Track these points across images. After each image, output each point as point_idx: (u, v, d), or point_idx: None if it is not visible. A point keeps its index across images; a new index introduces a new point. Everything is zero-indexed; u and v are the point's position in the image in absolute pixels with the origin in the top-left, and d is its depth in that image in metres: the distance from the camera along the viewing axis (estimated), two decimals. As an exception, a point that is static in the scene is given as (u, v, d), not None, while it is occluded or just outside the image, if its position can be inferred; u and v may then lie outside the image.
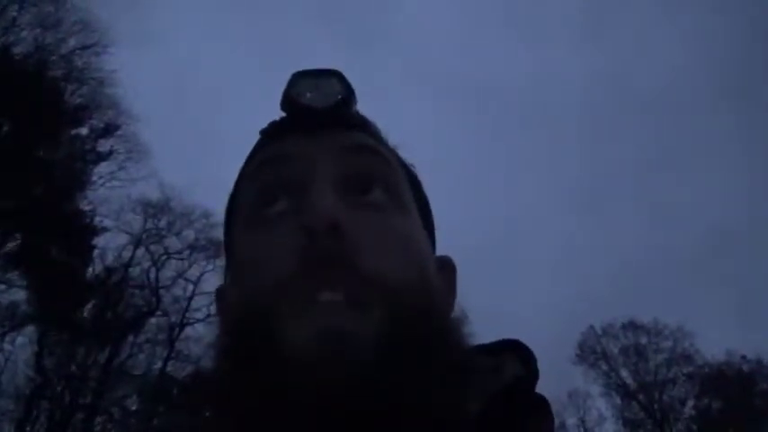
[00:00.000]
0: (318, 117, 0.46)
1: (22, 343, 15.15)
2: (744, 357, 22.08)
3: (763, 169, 36.84)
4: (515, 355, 0.50)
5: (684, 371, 22.72)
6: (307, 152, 0.45)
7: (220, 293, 0.52)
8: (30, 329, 15.13)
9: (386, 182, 0.46)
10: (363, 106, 0.51)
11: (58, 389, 15.26)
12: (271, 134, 0.49)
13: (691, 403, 22.45)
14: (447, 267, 0.52)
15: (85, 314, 16.13)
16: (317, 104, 0.46)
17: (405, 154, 0.53)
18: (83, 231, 15.59)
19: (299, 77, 0.47)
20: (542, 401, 0.47)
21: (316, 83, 0.47)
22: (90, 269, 16.47)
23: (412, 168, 0.52)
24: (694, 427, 21.99)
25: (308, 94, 0.47)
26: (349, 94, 0.48)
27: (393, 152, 0.50)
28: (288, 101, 0.47)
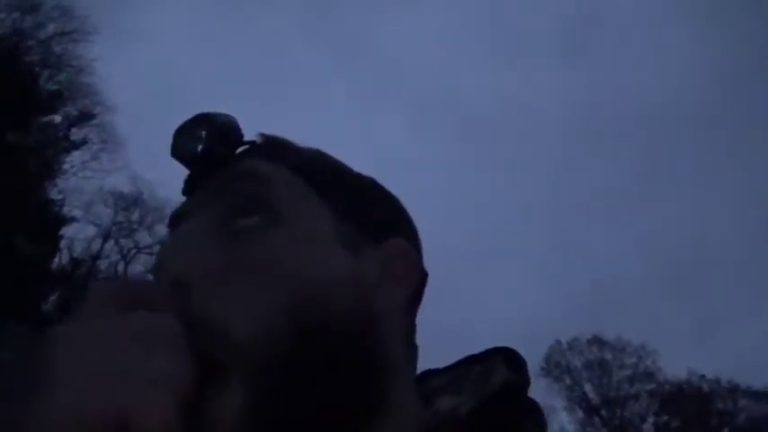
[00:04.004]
0: (197, 167, 0.47)
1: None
2: (703, 377, 22.60)
3: (730, 197, 37.96)
4: (505, 361, 0.50)
5: (646, 388, 23.14)
6: (188, 207, 0.47)
7: None
8: (-11, 319, 14.65)
9: (262, 201, 0.43)
10: (345, 118, 0.50)
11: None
12: (184, 194, 0.50)
13: (651, 420, 22.85)
14: (398, 254, 0.47)
15: (49, 306, 15.72)
16: (188, 156, 0.47)
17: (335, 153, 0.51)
18: (51, 220, 15.22)
19: (177, 135, 0.48)
20: (534, 405, 0.48)
21: (190, 134, 0.47)
22: (56, 260, 16.09)
23: (319, 167, 0.49)
24: (653, 444, 22.38)
25: (183, 151, 0.48)
26: (218, 134, 0.47)
27: (286, 161, 0.48)
28: (176, 159, 0.48)
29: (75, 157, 16.23)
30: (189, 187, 0.49)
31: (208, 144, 0.47)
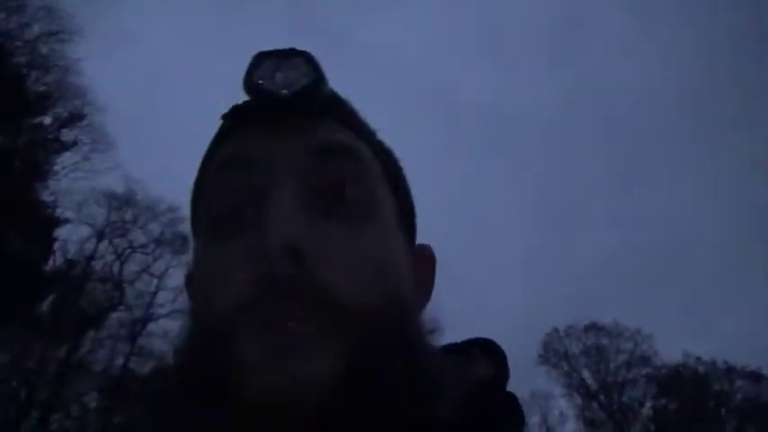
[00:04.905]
0: (282, 105, 0.42)
1: (-24, 337, 14.63)
2: (699, 359, 22.78)
3: (718, 185, 38.16)
4: (485, 353, 0.49)
5: (643, 372, 23.31)
6: (267, 155, 0.41)
7: (189, 280, 0.50)
8: (-16, 323, 14.61)
9: (356, 188, 0.42)
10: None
11: (13, 384, 14.78)
12: (232, 123, 0.45)
13: (648, 404, 23.05)
14: (424, 259, 0.50)
15: (44, 307, 15.65)
16: (281, 90, 0.41)
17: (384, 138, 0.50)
18: (44, 222, 15.12)
19: (262, 58, 0.42)
20: (513, 400, 0.47)
21: (280, 65, 0.42)
22: (50, 261, 16.00)
23: (390, 154, 0.49)
24: (652, 427, 22.58)
25: (271, 78, 0.42)
26: (317, 77, 0.42)
27: (369, 140, 0.47)
28: (248, 85, 0.42)
29: (66, 158, 16.13)
30: (245, 119, 0.44)
31: (306, 85, 0.42)
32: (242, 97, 0.44)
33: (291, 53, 0.43)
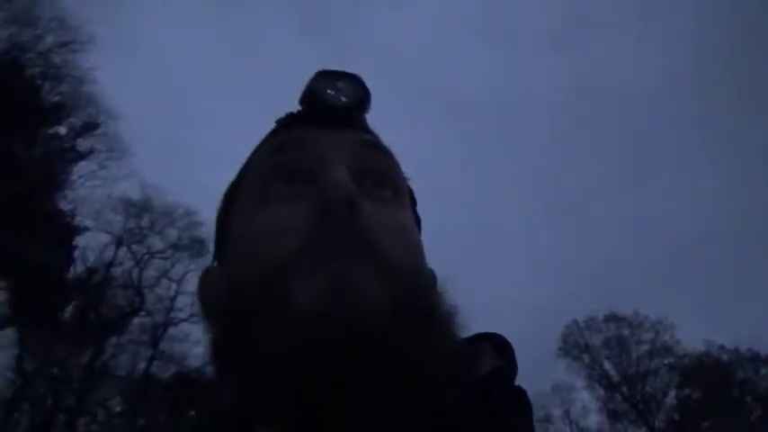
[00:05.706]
0: (336, 114, 0.49)
1: (2, 345, 14.90)
2: (722, 347, 22.50)
3: (731, 175, 37.59)
4: (492, 346, 0.49)
5: (665, 362, 23.06)
6: (322, 141, 0.47)
7: (206, 275, 0.52)
8: (9, 331, 14.87)
9: (393, 180, 0.49)
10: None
11: (40, 391, 15.03)
12: (287, 124, 0.51)
13: (672, 393, 22.81)
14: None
15: (67, 315, 15.89)
16: (337, 102, 0.49)
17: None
18: (63, 231, 15.34)
19: (323, 76, 0.50)
20: (521, 393, 0.46)
21: (337, 83, 0.50)
22: (71, 269, 16.23)
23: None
24: (676, 417, 22.35)
25: (329, 92, 0.49)
26: (366, 97, 0.51)
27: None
28: (309, 95, 0.50)
29: (83, 166, 16.32)
30: (300, 122, 0.50)
31: (357, 101, 0.50)
32: (246, 100, 0.46)
33: (347, 75, 0.51)
